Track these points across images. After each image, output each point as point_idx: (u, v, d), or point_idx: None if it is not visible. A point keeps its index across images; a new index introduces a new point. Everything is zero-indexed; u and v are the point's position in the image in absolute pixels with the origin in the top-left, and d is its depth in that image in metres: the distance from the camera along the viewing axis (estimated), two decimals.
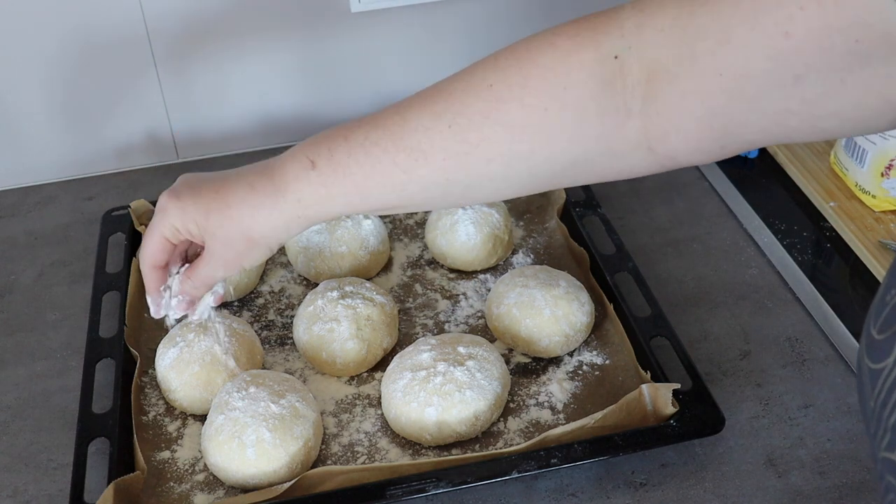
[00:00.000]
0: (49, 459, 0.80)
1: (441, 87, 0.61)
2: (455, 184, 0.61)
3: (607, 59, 0.55)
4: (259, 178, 0.65)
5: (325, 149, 0.63)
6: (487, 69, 0.59)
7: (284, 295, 0.94)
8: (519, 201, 1.04)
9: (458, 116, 0.59)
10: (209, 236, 0.67)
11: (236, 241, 0.66)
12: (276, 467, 0.73)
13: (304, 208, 0.64)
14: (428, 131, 0.60)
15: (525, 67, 0.57)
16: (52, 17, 1.03)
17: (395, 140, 0.61)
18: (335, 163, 0.62)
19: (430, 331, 0.89)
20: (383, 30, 1.14)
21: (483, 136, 0.58)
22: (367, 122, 0.63)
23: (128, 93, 1.11)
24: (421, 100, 0.61)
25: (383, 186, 0.62)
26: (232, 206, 0.65)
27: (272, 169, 0.65)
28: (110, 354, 0.84)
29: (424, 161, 0.60)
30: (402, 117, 0.61)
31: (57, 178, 1.14)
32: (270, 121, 1.17)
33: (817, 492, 0.74)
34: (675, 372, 0.80)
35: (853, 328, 0.88)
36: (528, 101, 0.57)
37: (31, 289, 0.98)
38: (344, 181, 0.62)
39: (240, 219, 0.65)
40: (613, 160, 0.59)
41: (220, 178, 0.68)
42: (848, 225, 0.98)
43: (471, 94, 0.59)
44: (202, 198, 0.66)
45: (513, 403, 0.81)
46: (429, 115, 0.60)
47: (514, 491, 0.75)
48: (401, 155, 0.60)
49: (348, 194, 0.63)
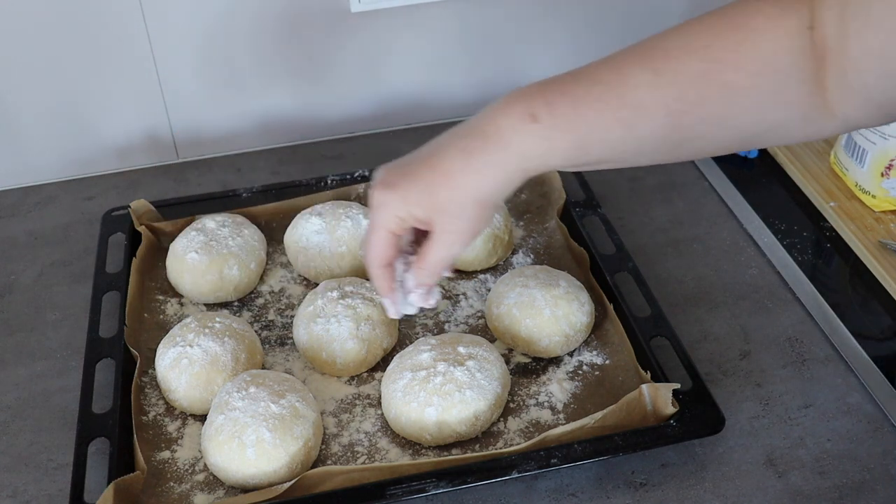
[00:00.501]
0: (49, 459, 0.80)
1: (654, 44, 0.61)
2: (668, 141, 0.62)
3: (804, 29, 0.58)
4: (471, 141, 0.64)
5: (541, 101, 0.63)
6: (702, 30, 0.60)
7: (284, 295, 0.94)
8: (519, 201, 1.04)
9: (678, 75, 0.59)
10: (439, 213, 0.66)
11: (468, 208, 0.65)
12: (276, 467, 0.73)
13: (526, 161, 0.64)
14: (649, 88, 0.60)
15: (740, 31, 0.59)
16: (52, 17, 1.03)
17: (618, 95, 0.61)
18: (556, 116, 0.62)
19: (430, 331, 0.89)
20: (383, 30, 1.14)
21: (700, 95, 0.59)
22: (580, 76, 0.63)
23: (128, 93, 1.11)
24: (636, 57, 0.61)
25: (603, 142, 0.62)
26: (455, 175, 0.64)
27: (481, 128, 0.64)
28: (110, 354, 0.84)
29: (646, 117, 0.61)
30: (620, 73, 0.61)
31: (57, 178, 1.14)
32: (270, 121, 1.18)
33: (817, 492, 0.74)
34: (675, 372, 0.80)
35: (853, 328, 0.88)
36: (742, 63, 0.58)
37: (31, 289, 0.98)
38: (566, 135, 0.62)
39: (466, 185, 0.64)
40: (806, 125, 0.61)
41: (425, 155, 0.66)
42: (848, 225, 0.98)
43: (689, 53, 0.59)
44: (420, 178, 0.65)
45: (513, 403, 0.81)
46: (650, 72, 0.60)
47: (514, 491, 0.75)
48: (624, 111, 0.61)
49: (569, 148, 0.63)
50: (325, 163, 1.16)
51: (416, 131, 1.21)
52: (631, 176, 1.10)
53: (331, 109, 1.19)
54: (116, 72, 1.09)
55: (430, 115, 1.22)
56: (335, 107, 1.19)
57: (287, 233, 0.96)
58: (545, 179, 1.04)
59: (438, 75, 1.20)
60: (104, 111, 1.12)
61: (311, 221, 0.94)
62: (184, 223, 0.98)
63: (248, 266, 0.92)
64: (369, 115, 1.20)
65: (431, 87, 1.20)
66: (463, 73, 1.20)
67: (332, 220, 0.93)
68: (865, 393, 0.82)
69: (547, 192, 1.03)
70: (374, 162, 1.13)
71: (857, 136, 1.00)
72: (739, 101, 0.60)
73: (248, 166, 1.15)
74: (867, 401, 0.82)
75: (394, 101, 1.20)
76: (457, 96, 1.22)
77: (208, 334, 0.82)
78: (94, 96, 1.10)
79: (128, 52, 1.08)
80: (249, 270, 0.93)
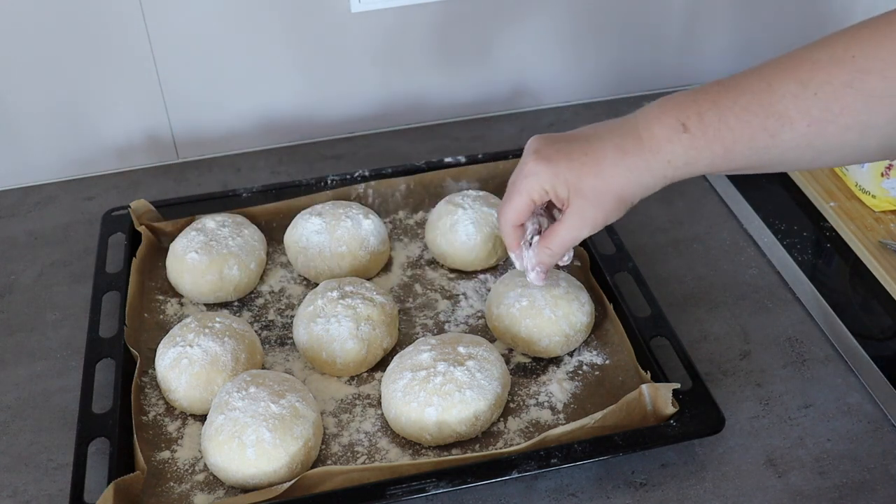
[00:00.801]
0: (49, 459, 0.80)
1: (802, 55, 0.63)
2: (811, 149, 0.64)
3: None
4: (626, 140, 0.68)
5: (693, 112, 0.66)
6: (849, 41, 0.61)
7: (284, 295, 0.94)
8: None
9: (824, 85, 0.61)
10: (579, 197, 0.70)
11: (607, 200, 0.70)
12: (276, 467, 0.73)
13: (672, 169, 0.68)
14: (795, 98, 0.62)
15: (887, 42, 0.60)
16: (53, 17, 1.03)
17: (763, 105, 0.63)
18: (705, 125, 0.65)
19: (430, 331, 0.89)
20: (383, 30, 1.14)
21: (845, 104, 0.61)
22: (728, 86, 0.65)
23: (128, 93, 1.11)
24: (783, 67, 0.63)
25: (748, 149, 0.65)
26: (606, 167, 0.69)
27: (637, 130, 0.68)
28: (110, 354, 0.84)
29: (790, 127, 0.63)
30: (768, 83, 0.63)
31: (57, 178, 1.14)
32: (270, 121, 1.18)
33: (817, 492, 0.74)
34: (675, 372, 0.80)
35: (853, 328, 0.88)
36: (888, 73, 0.59)
37: (31, 289, 0.98)
38: (713, 144, 0.65)
39: (613, 179, 0.69)
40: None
41: (582, 139, 0.71)
42: (848, 225, 0.98)
43: (835, 63, 0.61)
44: (573, 159, 0.70)
45: (513, 403, 0.81)
46: (795, 82, 0.62)
47: (514, 491, 0.75)
48: (770, 120, 0.63)
49: (714, 156, 0.66)
50: (325, 163, 1.16)
51: (416, 131, 1.21)
52: None
53: (331, 109, 1.19)
54: (116, 72, 1.09)
55: (430, 115, 1.22)
56: (335, 107, 1.19)
57: (287, 233, 0.96)
58: None
59: (438, 75, 1.20)
60: (104, 111, 1.12)
61: (311, 221, 0.94)
62: (184, 223, 0.98)
63: (248, 266, 0.92)
64: (369, 115, 1.20)
65: (431, 87, 1.20)
66: (463, 73, 1.20)
67: (332, 220, 0.93)
68: (865, 393, 0.82)
69: None
70: (374, 162, 1.14)
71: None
72: (884, 109, 0.61)
73: (248, 166, 1.15)
74: (867, 401, 0.82)
75: (394, 101, 1.20)
76: (457, 96, 1.22)
77: (208, 334, 0.82)
78: (94, 96, 1.10)
79: (128, 52, 1.08)
80: (249, 270, 0.93)
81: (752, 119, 0.64)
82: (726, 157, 0.66)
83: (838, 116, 0.61)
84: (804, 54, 0.63)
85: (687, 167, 0.67)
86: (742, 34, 1.26)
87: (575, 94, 1.26)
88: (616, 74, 1.26)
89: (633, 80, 1.27)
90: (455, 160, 1.06)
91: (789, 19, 1.26)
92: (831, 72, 0.61)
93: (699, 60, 1.27)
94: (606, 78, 1.26)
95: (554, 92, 1.25)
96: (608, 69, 1.26)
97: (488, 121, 1.23)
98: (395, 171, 1.04)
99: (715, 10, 1.23)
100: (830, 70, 0.61)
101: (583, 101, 1.26)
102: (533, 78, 1.24)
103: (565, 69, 1.24)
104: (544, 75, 1.24)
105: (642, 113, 0.69)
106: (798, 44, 0.65)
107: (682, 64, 1.27)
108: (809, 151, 0.64)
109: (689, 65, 1.27)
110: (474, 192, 0.98)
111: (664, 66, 1.27)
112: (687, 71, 1.28)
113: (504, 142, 1.18)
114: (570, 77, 1.25)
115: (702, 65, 1.28)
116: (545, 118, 1.24)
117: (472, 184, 1.04)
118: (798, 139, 0.63)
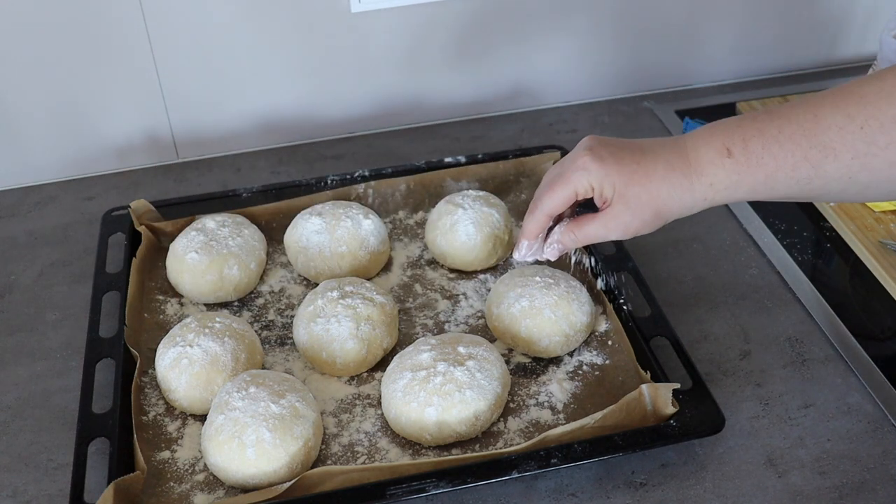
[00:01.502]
0: (49, 459, 0.80)
1: (851, 89, 0.64)
2: (855, 183, 0.64)
3: None
4: (675, 158, 0.70)
5: (738, 138, 0.67)
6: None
7: (284, 295, 0.94)
8: (519, 201, 1.04)
9: (871, 119, 0.62)
10: (622, 202, 0.71)
11: (646, 212, 0.71)
12: (276, 467, 0.73)
13: (713, 192, 0.69)
14: (840, 130, 0.63)
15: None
16: (53, 17, 1.03)
17: (808, 136, 0.64)
18: (749, 153, 0.66)
19: (430, 331, 0.89)
20: (383, 30, 1.14)
21: (891, 139, 0.62)
22: (775, 115, 0.66)
23: (128, 93, 1.11)
24: (831, 100, 0.64)
25: (789, 179, 0.66)
26: (653, 180, 0.70)
27: (685, 150, 0.70)
28: (110, 354, 0.84)
29: (833, 159, 0.63)
30: (815, 115, 0.64)
31: (57, 178, 1.14)
32: (270, 121, 1.18)
33: (817, 492, 0.74)
34: (675, 372, 0.80)
35: (853, 328, 0.88)
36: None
37: (31, 289, 0.98)
38: (755, 171, 0.66)
39: (657, 193, 0.70)
40: None
41: (636, 149, 0.72)
42: (848, 225, 0.98)
43: (883, 98, 0.62)
44: (625, 165, 0.71)
45: (513, 403, 0.81)
46: (842, 115, 0.63)
47: (514, 491, 0.75)
48: (813, 151, 0.64)
49: (756, 184, 0.67)
50: (325, 163, 1.16)
51: (416, 131, 1.21)
52: None
53: (331, 109, 1.19)
54: (116, 72, 1.09)
55: (430, 115, 1.22)
56: (335, 107, 1.19)
57: (287, 233, 0.96)
58: None
59: (438, 75, 1.20)
60: (104, 111, 1.12)
61: (311, 221, 0.94)
62: (184, 223, 0.98)
63: (248, 266, 0.92)
64: (369, 115, 1.20)
65: (431, 87, 1.20)
66: (463, 73, 1.20)
67: (332, 220, 0.93)
68: (865, 393, 0.82)
69: None
70: (374, 162, 1.14)
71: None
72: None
73: (248, 166, 1.15)
74: (867, 401, 0.82)
75: (394, 101, 1.20)
76: (457, 96, 1.22)
77: (208, 334, 0.82)
78: (94, 96, 1.10)
79: (128, 52, 1.08)
80: (249, 270, 0.93)
81: (795, 149, 0.64)
82: (767, 184, 0.67)
83: (884, 150, 0.62)
84: (853, 88, 0.64)
85: (728, 191, 0.68)
86: (743, 35, 1.26)
87: (575, 94, 1.26)
88: (616, 74, 1.26)
89: (634, 80, 1.27)
90: (455, 160, 1.06)
91: (790, 20, 1.26)
92: (880, 106, 0.62)
93: (700, 61, 1.27)
94: (606, 78, 1.26)
95: (554, 92, 1.25)
96: (608, 69, 1.26)
97: (488, 121, 1.23)
98: (395, 171, 1.04)
99: (716, 11, 1.23)
100: (879, 104, 0.62)
101: (583, 101, 1.26)
102: (533, 78, 1.24)
103: (565, 69, 1.24)
104: (544, 75, 1.24)
105: (691, 135, 0.70)
106: (798, 45, 0.65)
107: (682, 64, 1.27)
108: (853, 185, 0.65)
109: (690, 65, 1.27)
110: (474, 192, 0.98)
111: (665, 67, 1.27)
112: (687, 71, 1.28)
113: (504, 142, 1.18)
114: (570, 77, 1.25)
115: (702, 66, 1.28)
116: (545, 118, 1.24)
117: (472, 184, 1.04)
118: (841, 171, 0.64)
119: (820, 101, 0.65)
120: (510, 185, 1.05)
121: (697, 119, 1.16)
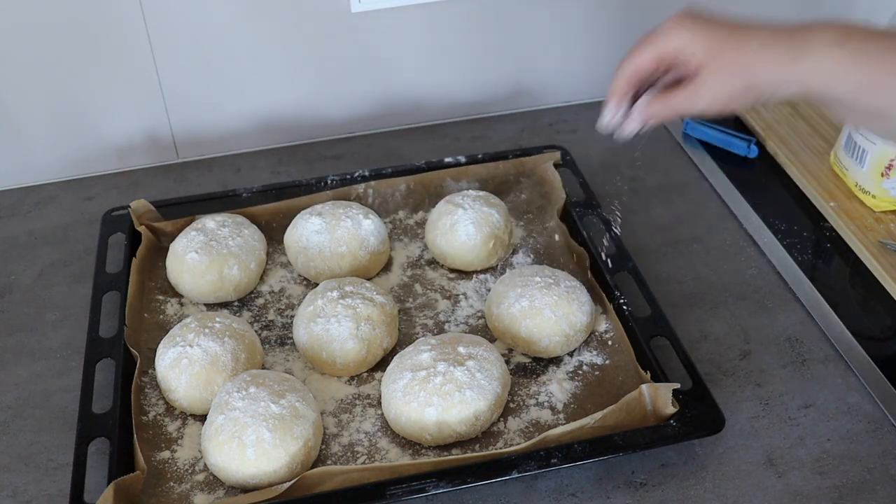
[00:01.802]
0: (49, 459, 0.80)
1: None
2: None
3: None
4: (781, 34, 0.66)
5: (858, 37, 0.64)
6: None
7: (284, 295, 0.94)
8: (519, 201, 1.04)
9: None
10: (710, 69, 0.67)
11: (737, 81, 0.67)
12: (276, 467, 0.73)
13: (812, 78, 0.65)
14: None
15: None
16: (53, 17, 1.03)
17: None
18: (862, 51, 0.64)
19: (430, 331, 0.89)
20: (383, 30, 1.14)
21: None
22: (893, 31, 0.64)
23: (128, 93, 1.11)
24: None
25: (891, 90, 0.63)
26: (750, 46, 0.66)
27: (793, 30, 0.66)
28: (110, 354, 0.84)
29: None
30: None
31: (57, 178, 1.14)
32: (270, 121, 1.18)
33: (817, 492, 0.74)
34: (675, 372, 0.80)
35: (853, 328, 0.88)
36: None
37: (31, 289, 0.98)
38: (861, 68, 0.64)
39: (752, 62, 0.66)
40: None
41: (735, 21, 0.68)
42: (848, 225, 0.98)
43: None
44: (720, 29, 0.67)
45: (513, 403, 0.81)
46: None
47: (514, 491, 0.75)
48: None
49: (857, 83, 0.64)
50: (325, 163, 1.16)
51: (416, 131, 1.21)
52: (631, 176, 1.10)
53: (331, 109, 1.19)
54: (116, 72, 1.09)
55: (430, 115, 1.22)
56: (335, 107, 1.19)
57: (287, 233, 0.96)
58: (545, 179, 1.04)
59: (438, 75, 1.20)
60: (104, 111, 1.12)
61: (311, 221, 0.94)
62: (184, 223, 0.98)
63: (248, 266, 0.92)
64: (369, 115, 1.20)
65: (431, 87, 1.20)
66: (463, 73, 1.20)
67: (332, 220, 0.93)
68: (865, 393, 0.82)
69: (547, 192, 1.03)
70: (374, 162, 1.14)
71: (857, 136, 1.00)
72: None
73: (248, 166, 1.15)
74: (867, 401, 0.82)
75: (394, 101, 1.20)
76: (457, 96, 1.22)
77: (208, 334, 0.82)
78: (94, 96, 1.10)
79: (128, 52, 1.08)
80: (249, 270, 0.93)
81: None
82: (870, 87, 0.64)
83: None
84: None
85: (825, 82, 0.65)
86: None
87: (575, 94, 1.26)
88: None
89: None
90: (455, 160, 1.06)
91: (790, 20, 1.26)
92: None
93: None
94: (607, 78, 1.25)
95: (554, 92, 1.25)
96: (608, 69, 1.25)
97: (488, 121, 1.23)
98: (395, 171, 1.04)
99: (715, 11, 1.22)
100: None
101: (583, 101, 1.26)
102: (533, 78, 1.23)
103: (565, 69, 1.24)
104: (544, 75, 1.24)
105: (804, 23, 0.67)
106: None
107: None
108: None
109: None
110: (474, 192, 0.98)
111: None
112: None
113: (504, 142, 1.18)
114: (570, 77, 1.25)
115: None
116: (545, 118, 1.24)
117: (472, 184, 1.04)
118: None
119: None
120: (510, 185, 1.05)
121: (697, 119, 1.16)
